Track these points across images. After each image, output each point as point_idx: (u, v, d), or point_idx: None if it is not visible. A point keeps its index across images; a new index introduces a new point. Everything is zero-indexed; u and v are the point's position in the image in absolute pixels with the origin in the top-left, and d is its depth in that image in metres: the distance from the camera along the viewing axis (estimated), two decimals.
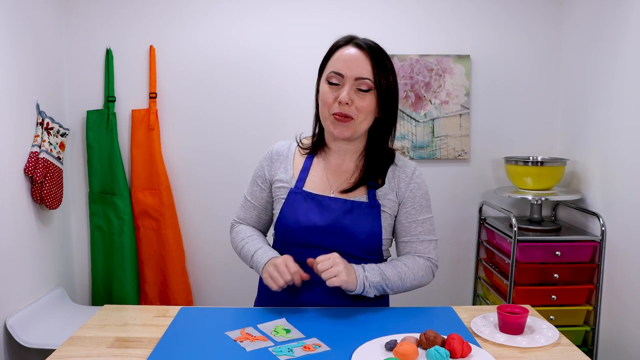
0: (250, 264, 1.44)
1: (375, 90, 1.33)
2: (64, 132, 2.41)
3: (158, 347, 1.18)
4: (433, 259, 1.45)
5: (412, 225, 1.42)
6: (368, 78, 1.31)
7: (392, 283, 1.36)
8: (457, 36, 2.64)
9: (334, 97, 1.33)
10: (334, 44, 1.38)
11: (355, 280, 1.30)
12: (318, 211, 1.38)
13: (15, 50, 2.15)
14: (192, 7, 2.59)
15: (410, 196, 1.42)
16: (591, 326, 2.32)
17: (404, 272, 1.38)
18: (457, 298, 2.80)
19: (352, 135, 1.36)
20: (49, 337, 2.12)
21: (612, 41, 2.22)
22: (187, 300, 2.66)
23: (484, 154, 2.72)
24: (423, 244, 1.43)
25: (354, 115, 1.32)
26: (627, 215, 2.11)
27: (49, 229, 2.42)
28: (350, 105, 1.31)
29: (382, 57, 1.34)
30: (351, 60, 1.32)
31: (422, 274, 1.42)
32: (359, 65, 1.31)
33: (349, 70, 1.31)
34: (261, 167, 1.50)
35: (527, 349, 1.18)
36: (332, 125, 1.35)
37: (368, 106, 1.33)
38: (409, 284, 1.39)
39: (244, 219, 1.54)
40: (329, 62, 1.36)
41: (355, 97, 1.32)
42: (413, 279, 1.39)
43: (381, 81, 1.32)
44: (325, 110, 1.36)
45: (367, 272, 1.33)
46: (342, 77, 1.32)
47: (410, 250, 1.44)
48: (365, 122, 1.35)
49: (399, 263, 1.40)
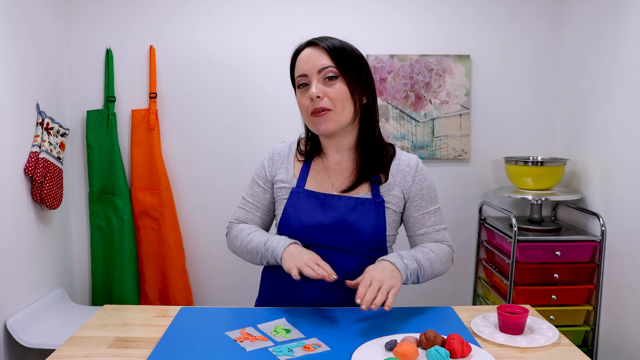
0: (261, 252, 1.37)
1: (342, 76, 1.33)
2: (64, 132, 2.41)
3: (158, 347, 1.18)
4: (452, 245, 1.49)
5: (426, 216, 1.44)
6: (330, 66, 1.33)
7: (425, 270, 1.36)
8: (457, 36, 2.64)
9: (306, 97, 1.35)
10: (293, 53, 1.41)
11: (400, 276, 1.28)
12: (322, 209, 1.38)
13: (15, 50, 2.15)
14: (192, 7, 2.59)
15: (418, 189, 1.43)
16: (591, 326, 2.32)
17: (433, 259, 1.39)
18: (457, 298, 2.80)
19: (336, 126, 1.35)
20: (49, 337, 2.12)
21: (612, 41, 2.22)
22: (187, 300, 2.66)
23: (484, 154, 2.72)
24: (440, 233, 1.46)
25: (330, 107, 1.33)
26: (627, 215, 2.11)
27: (49, 229, 2.42)
28: (322, 97, 1.33)
29: (341, 47, 1.35)
30: (309, 57, 1.35)
31: (447, 260, 1.45)
32: (317, 58, 1.33)
33: (310, 67, 1.34)
34: (262, 167, 1.49)
35: (527, 349, 1.18)
36: (314, 123, 1.36)
37: (340, 93, 1.33)
38: (437, 270, 1.41)
39: (245, 221, 1.50)
40: (295, 70, 1.40)
41: (324, 88, 1.33)
42: (440, 265, 1.41)
43: (344, 66, 1.33)
44: (305, 114, 1.37)
45: (405, 259, 1.32)
46: (307, 76, 1.34)
47: (429, 241, 1.45)
48: (345, 110, 1.35)
49: (425, 249, 1.41)
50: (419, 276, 1.35)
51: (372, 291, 1.20)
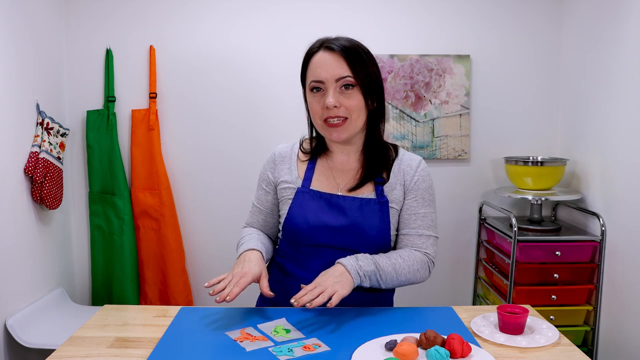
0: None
1: (358, 85, 1.33)
2: (64, 132, 2.41)
3: (158, 347, 1.18)
4: (430, 255, 1.42)
5: (412, 218, 1.41)
6: (348, 75, 1.31)
7: (386, 274, 1.33)
8: (457, 36, 2.64)
9: (321, 104, 1.33)
10: (306, 53, 1.38)
11: (350, 279, 1.27)
12: (328, 210, 1.38)
13: (15, 50, 2.15)
14: (192, 7, 2.59)
15: (414, 188, 1.41)
16: (591, 326, 2.32)
17: (398, 264, 1.35)
18: (457, 298, 2.80)
19: (351, 135, 1.36)
20: (49, 337, 2.12)
21: (612, 41, 2.22)
22: (187, 300, 2.66)
23: (484, 154, 2.72)
24: (421, 239, 1.41)
25: (346, 115, 1.33)
26: (627, 215, 2.11)
27: (49, 229, 2.42)
28: (339, 107, 1.32)
29: (356, 51, 1.33)
30: (326, 64, 1.32)
31: (417, 268, 1.38)
32: (336, 67, 1.31)
33: (328, 74, 1.31)
34: (265, 170, 1.50)
35: (527, 349, 1.18)
36: (327, 132, 1.35)
37: (357, 103, 1.33)
38: (403, 277, 1.37)
39: (251, 224, 1.54)
40: (308, 72, 1.37)
41: (341, 98, 1.32)
42: (408, 272, 1.37)
43: (362, 75, 1.32)
44: (317, 119, 1.36)
45: (360, 261, 1.31)
46: (323, 83, 1.32)
47: (407, 243, 1.42)
48: (359, 118, 1.35)
49: (394, 254, 1.38)
50: (378, 280, 1.33)
51: (311, 295, 1.21)
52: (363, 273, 1.30)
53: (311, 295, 1.21)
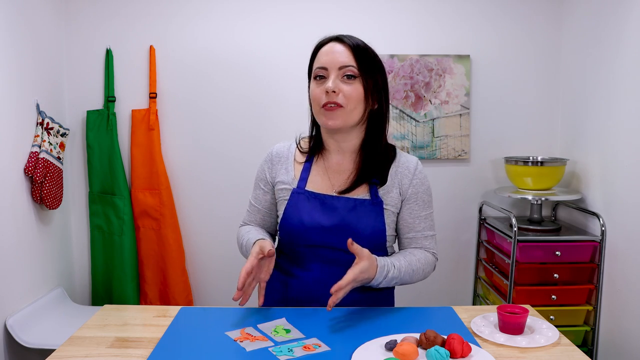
0: (246, 250, 1.41)
1: (361, 78, 1.34)
2: (64, 132, 2.41)
3: (158, 347, 1.18)
4: (436, 253, 1.49)
5: (416, 221, 1.44)
6: (351, 65, 1.33)
7: (404, 274, 1.37)
8: (457, 36, 2.64)
9: (321, 90, 1.34)
10: (316, 45, 1.40)
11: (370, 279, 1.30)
12: (322, 210, 1.38)
13: (15, 50, 2.15)
14: (192, 7, 2.59)
15: (414, 192, 1.42)
16: (591, 326, 2.32)
17: (415, 266, 1.40)
18: (457, 298, 2.80)
19: (344, 124, 1.35)
20: (49, 337, 2.12)
21: (612, 41, 2.22)
22: (187, 300, 2.66)
23: (484, 154, 2.72)
24: (427, 240, 1.46)
25: (343, 103, 1.33)
26: (627, 215, 2.11)
27: (48, 229, 2.42)
28: (338, 93, 1.33)
29: (366, 51, 1.36)
30: (333, 52, 1.34)
31: (429, 269, 1.46)
32: (341, 55, 1.33)
33: (332, 61, 1.33)
34: (262, 170, 1.50)
35: (527, 349, 1.18)
36: (324, 117, 1.36)
37: (356, 93, 1.33)
38: (416, 277, 1.42)
39: (249, 223, 1.54)
40: (314, 62, 1.39)
41: (341, 85, 1.33)
42: (421, 274, 1.43)
43: (366, 70, 1.34)
44: (316, 106, 1.37)
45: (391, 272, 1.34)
46: (326, 70, 1.34)
47: (416, 246, 1.46)
48: (355, 111, 1.35)
49: (412, 257, 1.41)
50: (391, 282, 1.36)
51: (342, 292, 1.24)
52: (386, 280, 1.34)
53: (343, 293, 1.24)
